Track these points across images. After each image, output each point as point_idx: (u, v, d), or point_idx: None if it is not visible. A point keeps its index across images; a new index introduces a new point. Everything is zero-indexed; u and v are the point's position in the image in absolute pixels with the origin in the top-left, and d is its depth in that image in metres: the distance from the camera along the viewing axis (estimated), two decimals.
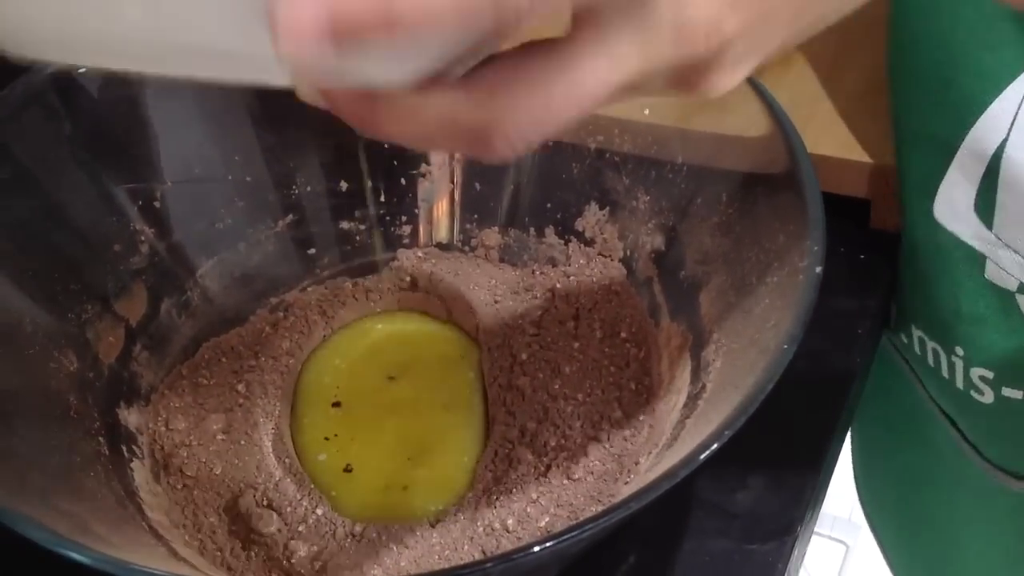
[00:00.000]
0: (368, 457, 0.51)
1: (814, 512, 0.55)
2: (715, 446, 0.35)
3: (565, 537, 0.33)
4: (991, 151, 0.48)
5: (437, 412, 0.52)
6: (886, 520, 0.74)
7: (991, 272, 0.51)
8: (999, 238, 0.50)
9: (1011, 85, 0.47)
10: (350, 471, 0.50)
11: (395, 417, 0.52)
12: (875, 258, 0.60)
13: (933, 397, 0.61)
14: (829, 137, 0.59)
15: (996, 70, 0.47)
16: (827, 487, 0.61)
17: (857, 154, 0.59)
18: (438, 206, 0.58)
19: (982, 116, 0.48)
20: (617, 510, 0.34)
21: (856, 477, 0.77)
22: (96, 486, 0.44)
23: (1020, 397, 0.54)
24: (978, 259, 0.52)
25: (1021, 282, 0.51)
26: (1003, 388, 0.55)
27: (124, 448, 0.48)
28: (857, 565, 1.31)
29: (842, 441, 0.59)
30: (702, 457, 0.35)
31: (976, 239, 0.51)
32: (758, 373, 0.37)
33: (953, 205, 0.51)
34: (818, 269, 0.39)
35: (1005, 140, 0.47)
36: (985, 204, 0.50)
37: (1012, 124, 0.47)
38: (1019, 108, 0.47)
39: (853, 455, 0.77)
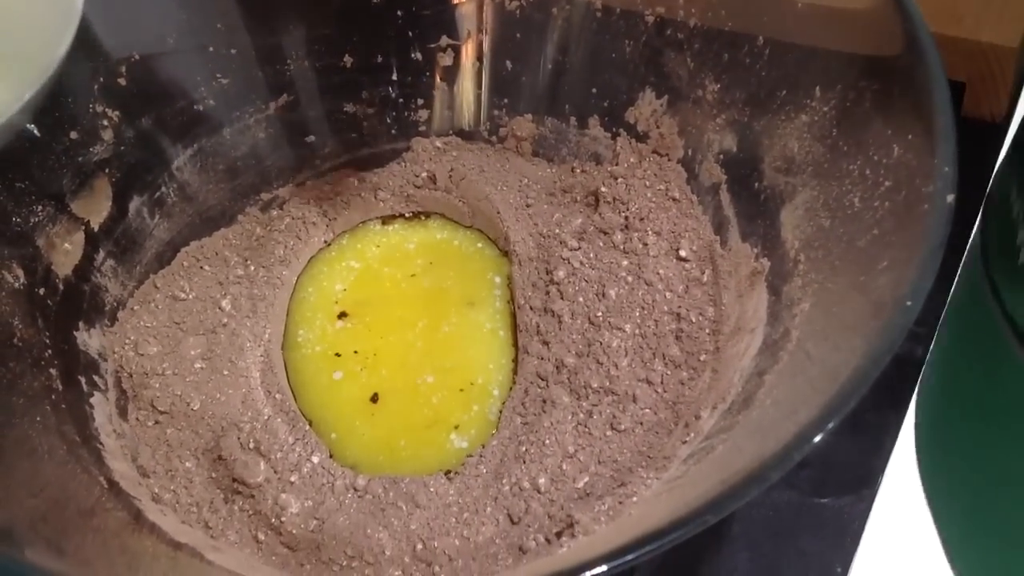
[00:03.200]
0: (393, 379, 0.44)
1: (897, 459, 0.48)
2: (816, 439, 0.27)
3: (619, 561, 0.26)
4: None
5: (462, 310, 0.45)
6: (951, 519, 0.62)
7: None
8: None
9: None
10: (376, 401, 0.43)
11: (412, 325, 0.45)
12: (971, 151, 0.51)
13: None
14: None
15: None
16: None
17: (952, 28, 0.49)
18: (461, 87, 0.49)
19: None
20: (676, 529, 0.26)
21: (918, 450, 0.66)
22: (40, 436, 0.36)
23: None
24: None
25: None
26: None
27: (83, 380, 0.41)
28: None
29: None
30: (795, 458, 0.27)
31: None
32: (871, 337, 0.29)
33: None
34: (949, 198, 0.31)
35: None
36: None
37: None
38: None
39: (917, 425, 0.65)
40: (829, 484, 0.43)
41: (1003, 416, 0.49)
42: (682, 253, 0.43)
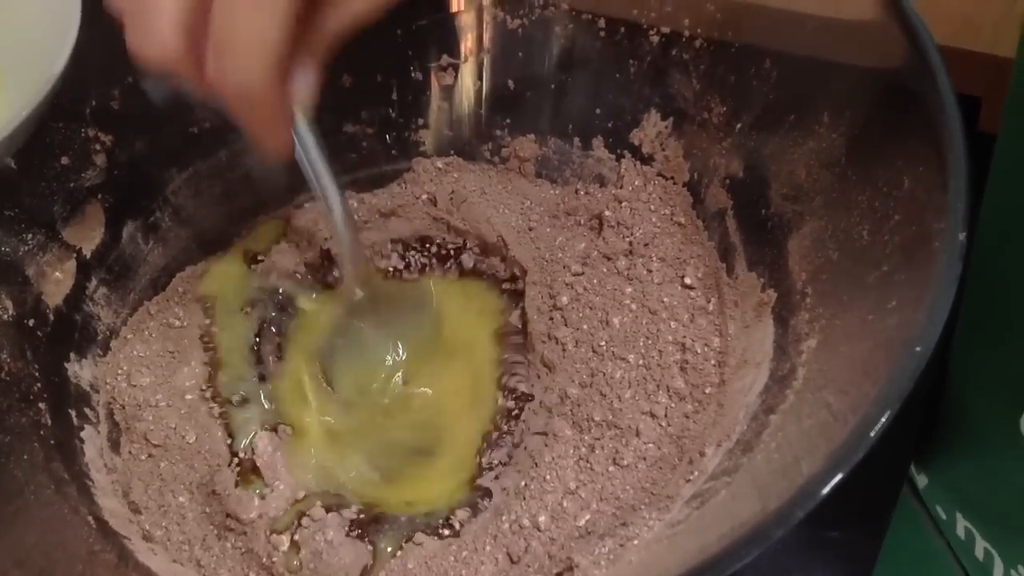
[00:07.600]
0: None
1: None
2: (823, 492, 0.26)
3: None
4: None
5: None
6: None
7: None
8: None
9: None
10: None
11: None
12: (987, 167, 0.50)
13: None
14: (934, 22, 0.48)
15: None
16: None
17: (968, 42, 0.48)
18: (462, 106, 0.48)
19: None
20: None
21: None
22: (27, 476, 0.35)
23: None
24: None
25: None
26: None
27: (73, 413, 0.40)
28: None
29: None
30: (799, 514, 0.26)
31: None
32: (879, 382, 0.27)
33: None
34: (961, 236, 0.29)
35: None
36: None
37: None
38: None
39: None
40: (839, 517, 0.42)
41: None
42: (687, 280, 0.42)
